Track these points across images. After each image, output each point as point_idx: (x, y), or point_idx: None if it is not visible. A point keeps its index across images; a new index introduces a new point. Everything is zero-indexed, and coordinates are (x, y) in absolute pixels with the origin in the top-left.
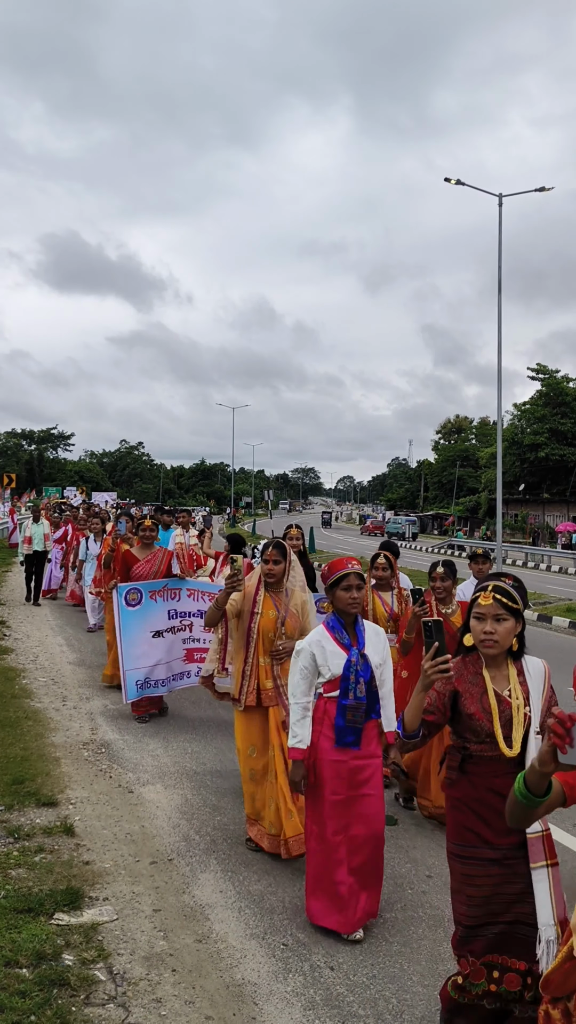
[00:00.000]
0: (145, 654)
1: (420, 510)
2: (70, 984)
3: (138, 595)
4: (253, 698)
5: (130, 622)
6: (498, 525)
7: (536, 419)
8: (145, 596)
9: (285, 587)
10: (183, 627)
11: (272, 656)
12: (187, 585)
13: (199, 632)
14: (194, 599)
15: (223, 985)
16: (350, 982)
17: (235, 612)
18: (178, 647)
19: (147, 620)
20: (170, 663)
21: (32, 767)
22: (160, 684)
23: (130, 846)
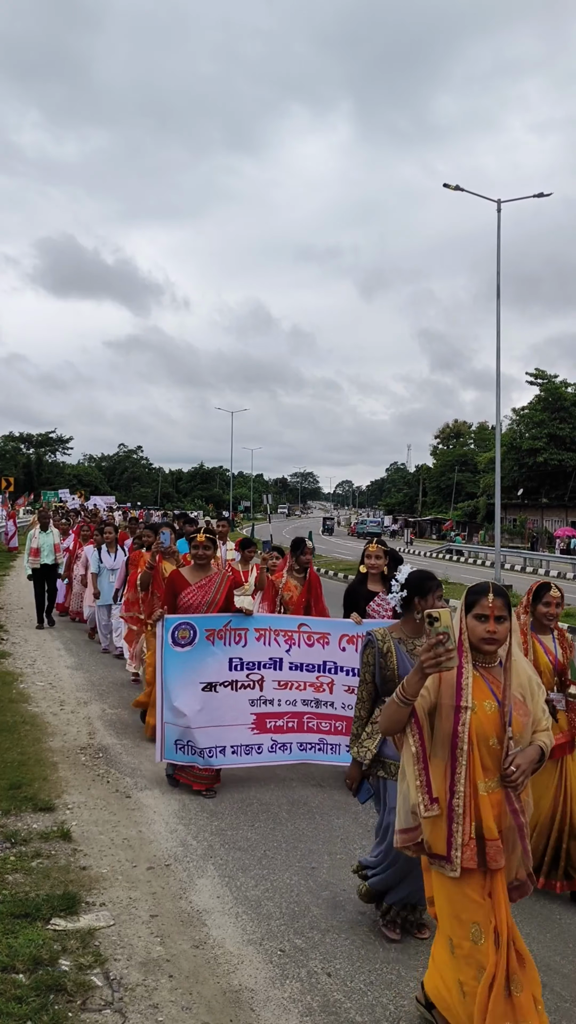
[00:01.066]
0: (190, 709)
1: (419, 515)
2: (67, 989)
3: (190, 633)
4: (472, 855)
5: (175, 665)
6: (496, 530)
7: (535, 424)
8: (199, 635)
9: (499, 654)
10: (250, 683)
11: (502, 779)
12: (256, 623)
13: (274, 690)
14: (265, 643)
15: (220, 991)
16: (347, 988)
17: (428, 707)
18: (242, 710)
19: (198, 666)
20: (226, 729)
21: (29, 772)
22: (209, 754)
23: (127, 851)
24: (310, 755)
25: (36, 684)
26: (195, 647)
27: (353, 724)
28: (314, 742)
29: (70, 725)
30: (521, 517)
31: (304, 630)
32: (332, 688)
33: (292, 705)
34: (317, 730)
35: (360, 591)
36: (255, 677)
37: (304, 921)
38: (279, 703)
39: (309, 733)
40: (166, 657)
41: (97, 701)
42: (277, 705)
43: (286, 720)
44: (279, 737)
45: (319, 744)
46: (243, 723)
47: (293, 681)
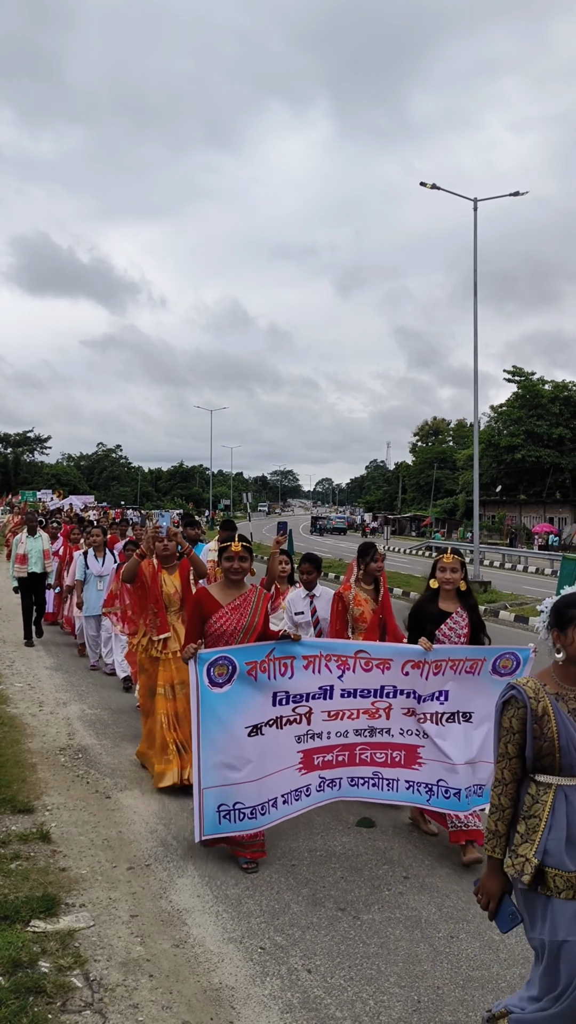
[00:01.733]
0: (236, 762)
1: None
2: (46, 991)
3: (228, 669)
4: None
5: (214, 710)
6: (475, 526)
7: (513, 421)
8: (239, 669)
9: None
10: (296, 717)
11: None
12: (304, 650)
13: (323, 721)
14: (314, 670)
15: (200, 990)
16: (327, 984)
17: None
18: (288, 749)
19: (241, 708)
20: (274, 777)
21: (8, 773)
22: (259, 812)
23: (107, 852)
24: (362, 791)
25: (15, 685)
26: (234, 685)
27: (491, 816)
28: (367, 776)
29: (49, 726)
30: (500, 514)
31: (362, 656)
32: (389, 713)
33: (343, 736)
34: (371, 762)
35: (429, 611)
36: (302, 710)
37: (284, 918)
38: (328, 735)
39: (361, 766)
40: (203, 702)
41: (76, 702)
42: (326, 738)
43: (335, 754)
44: (327, 773)
45: (372, 778)
46: (290, 765)
47: (345, 710)
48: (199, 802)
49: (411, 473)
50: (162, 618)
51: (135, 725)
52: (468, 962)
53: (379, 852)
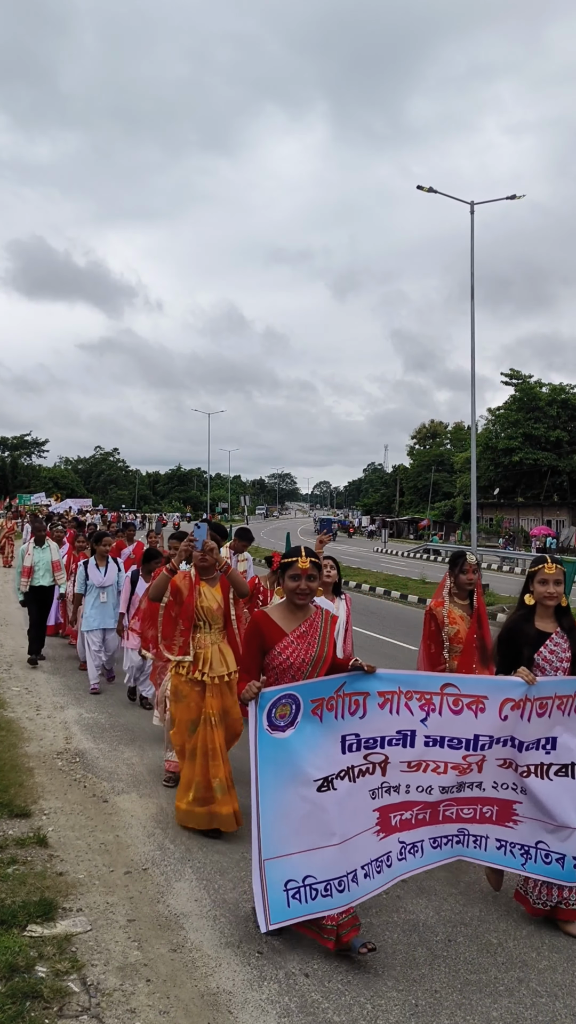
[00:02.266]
0: (304, 825)
1: (396, 515)
2: (43, 996)
3: (291, 709)
4: None
5: (276, 762)
6: (473, 529)
7: (510, 424)
8: (304, 709)
9: None
10: (369, 767)
11: None
12: (380, 684)
13: (402, 773)
14: (392, 710)
15: (198, 994)
16: (325, 988)
17: None
18: (363, 807)
19: (307, 756)
20: (352, 842)
21: (5, 777)
22: (336, 888)
23: (104, 856)
24: (445, 852)
25: (12, 689)
26: (298, 728)
27: None
28: (451, 834)
29: (46, 730)
30: (497, 516)
31: (450, 692)
32: (482, 766)
33: (425, 793)
34: (456, 818)
35: (526, 632)
36: (376, 758)
37: None
38: (408, 790)
39: (445, 824)
40: (262, 750)
41: (74, 706)
42: (404, 793)
43: (415, 812)
44: (407, 836)
45: (458, 835)
46: (367, 827)
47: (429, 762)
48: (261, 879)
49: (409, 476)
50: (186, 638)
51: (132, 729)
52: (466, 966)
53: None
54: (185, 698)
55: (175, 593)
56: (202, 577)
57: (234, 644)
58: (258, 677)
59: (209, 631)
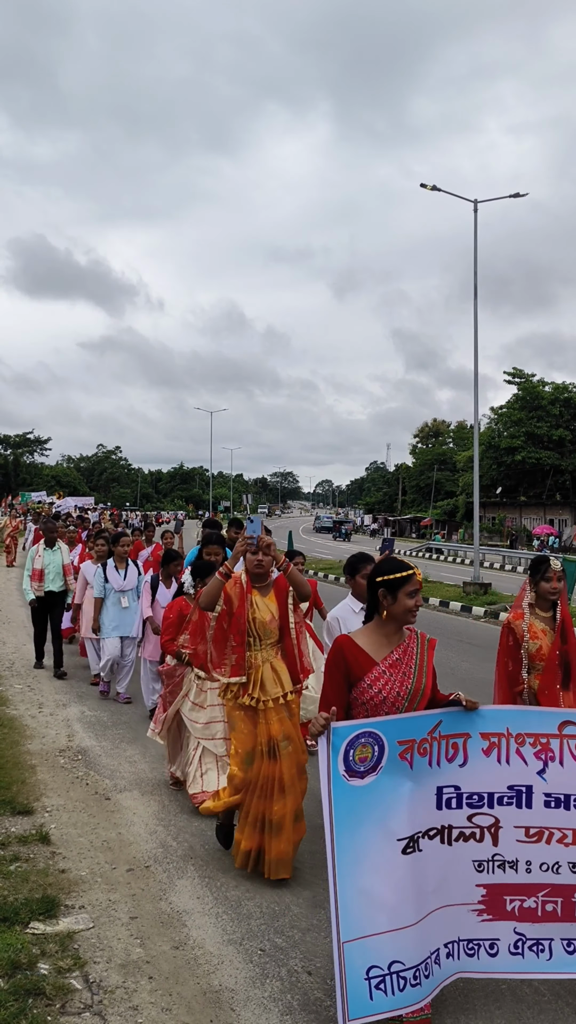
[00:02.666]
0: (387, 896)
1: (398, 513)
2: (45, 993)
3: (374, 751)
4: None
5: (354, 815)
6: (475, 528)
7: (513, 423)
8: (389, 751)
9: None
10: (475, 831)
11: None
12: (483, 723)
13: (518, 843)
14: (501, 758)
15: (200, 992)
16: (327, 986)
17: None
18: (463, 878)
19: (393, 810)
20: (438, 913)
21: (7, 775)
22: (423, 973)
23: (107, 853)
24: None
25: (14, 687)
26: (381, 774)
27: None
28: None
29: (49, 728)
30: (500, 515)
31: (572, 733)
32: None
33: (552, 873)
34: None
35: None
36: (484, 821)
37: (284, 920)
38: (529, 867)
39: None
40: (337, 800)
41: (76, 703)
42: (524, 871)
43: (541, 899)
44: (528, 928)
45: None
46: (464, 901)
47: (552, 829)
48: (340, 966)
49: (411, 475)
50: (239, 656)
51: (135, 727)
52: None
53: None
54: (238, 726)
55: (226, 602)
56: (254, 584)
57: (293, 657)
58: (340, 714)
59: (260, 647)
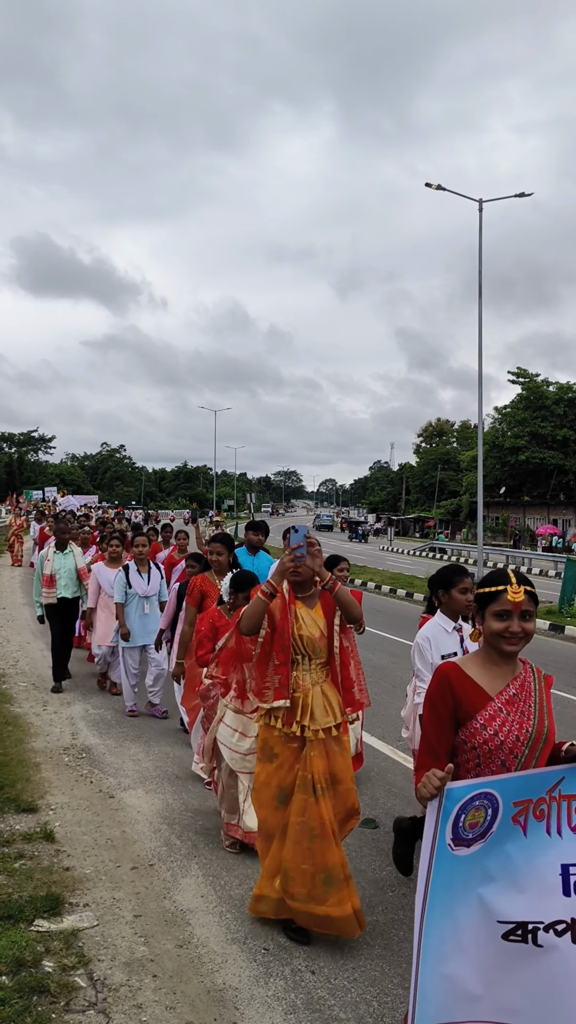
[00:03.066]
0: (474, 983)
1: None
2: (50, 991)
3: (487, 814)
4: None
5: (450, 889)
6: (479, 528)
7: (517, 423)
8: (503, 814)
9: None
10: None
11: None
12: None
13: None
14: None
15: (204, 990)
16: (331, 985)
17: None
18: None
19: (500, 885)
20: None
21: (11, 773)
22: None
23: (111, 852)
24: None
25: (18, 684)
26: (490, 841)
27: None
28: None
29: (53, 725)
30: (503, 515)
31: None
32: None
33: None
34: None
35: None
36: None
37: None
38: None
39: None
40: (437, 874)
41: (80, 701)
42: None
43: None
44: None
45: None
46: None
47: None
48: None
49: (415, 474)
50: (283, 676)
51: (139, 725)
52: None
53: (383, 853)
54: (277, 757)
55: (268, 617)
56: (297, 595)
57: (348, 684)
58: (445, 762)
59: (309, 667)
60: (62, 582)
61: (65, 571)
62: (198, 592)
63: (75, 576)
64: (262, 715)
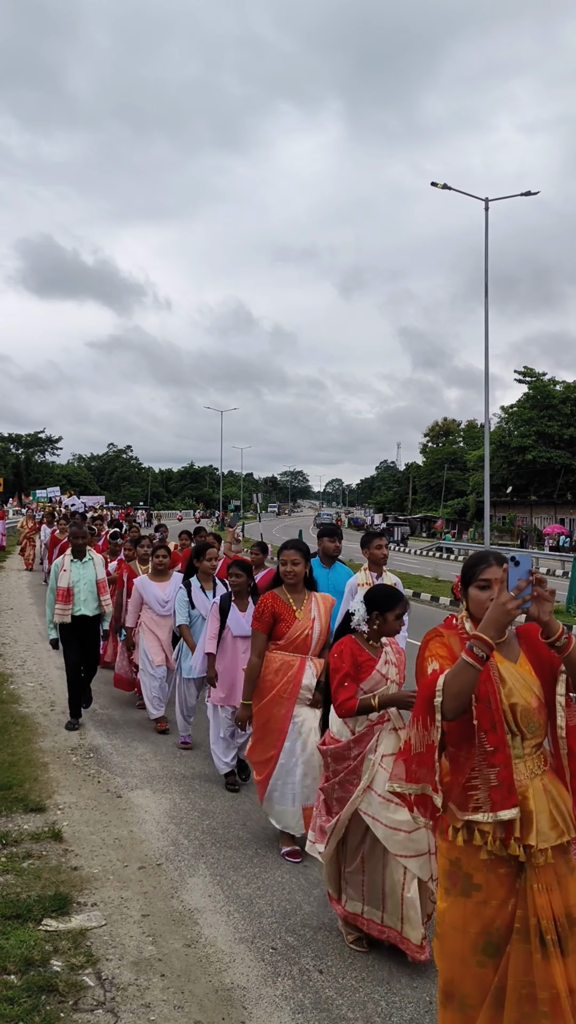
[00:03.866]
0: None
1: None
2: (58, 990)
3: None
4: None
5: None
6: (486, 527)
7: (523, 422)
8: None
9: None
10: None
11: None
12: None
13: None
14: None
15: (212, 989)
16: (339, 985)
17: None
18: None
19: None
20: None
21: (20, 772)
22: None
23: (118, 851)
24: None
25: (26, 685)
26: None
27: None
28: None
29: (60, 725)
30: (510, 515)
31: None
32: None
33: None
34: None
35: None
36: None
37: (296, 919)
38: None
39: None
40: None
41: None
42: None
43: None
44: None
45: None
46: None
47: None
48: None
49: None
50: (505, 772)
51: (146, 725)
52: None
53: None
54: (480, 890)
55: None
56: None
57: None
58: None
59: (522, 751)
60: (80, 596)
61: (84, 583)
62: (269, 615)
63: (96, 589)
64: (447, 828)
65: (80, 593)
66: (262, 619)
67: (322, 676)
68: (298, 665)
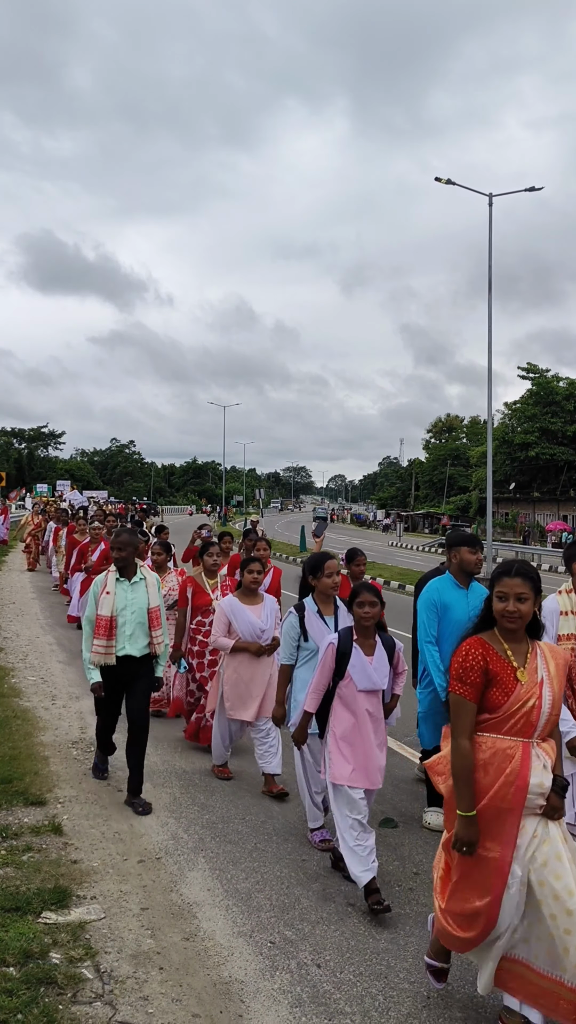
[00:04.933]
0: None
1: (411, 509)
2: (57, 982)
3: None
4: None
5: None
6: (488, 524)
7: (526, 418)
8: None
9: None
10: None
11: None
12: None
13: None
14: None
15: (210, 983)
16: (337, 979)
17: None
18: None
19: None
20: None
21: (20, 766)
22: None
23: (118, 845)
24: None
25: (28, 679)
26: None
27: None
28: None
29: (62, 720)
30: (513, 511)
31: None
32: None
33: None
34: None
35: None
36: None
37: (294, 913)
38: None
39: None
40: None
41: (88, 696)
42: None
43: None
44: None
45: None
46: None
47: None
48: None
49: (424, 470)
50: None
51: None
52: None
53: (390, 848)
54: None
55: None
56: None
57: None
58: None
59: None
60: (127, 630)
61: (133, 612)
62: (479, 673)
63: (147, 620)
64: None
65: (127, 626)
66: (468, 679)
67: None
68: (520, 754)
